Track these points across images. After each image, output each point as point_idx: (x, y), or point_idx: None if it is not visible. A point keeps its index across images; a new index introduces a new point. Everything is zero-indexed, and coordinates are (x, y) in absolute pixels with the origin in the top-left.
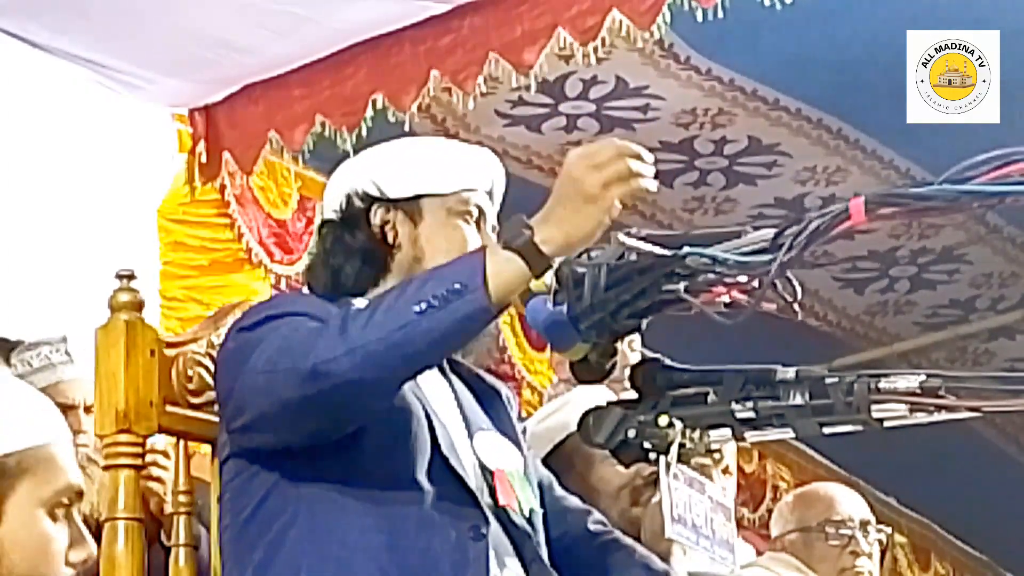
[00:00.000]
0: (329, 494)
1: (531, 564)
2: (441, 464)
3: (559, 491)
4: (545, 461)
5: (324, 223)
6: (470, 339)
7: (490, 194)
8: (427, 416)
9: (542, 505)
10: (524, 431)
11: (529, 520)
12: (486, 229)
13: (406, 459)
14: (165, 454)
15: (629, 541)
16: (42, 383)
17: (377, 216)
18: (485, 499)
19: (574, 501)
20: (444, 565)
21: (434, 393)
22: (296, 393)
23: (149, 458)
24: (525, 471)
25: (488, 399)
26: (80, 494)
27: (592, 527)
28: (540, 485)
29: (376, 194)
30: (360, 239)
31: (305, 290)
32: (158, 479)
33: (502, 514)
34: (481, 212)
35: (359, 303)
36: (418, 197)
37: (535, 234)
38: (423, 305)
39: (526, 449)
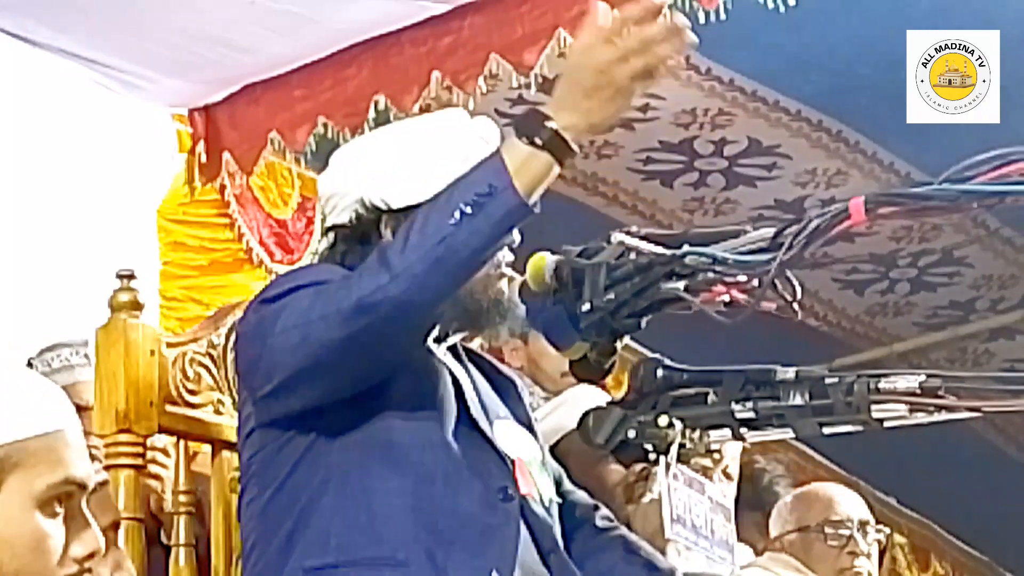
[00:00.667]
0: (358, 458)
1: (549, 554)
2: (468, 425)
3: (568, 485)
4: None
5: (332, 228)
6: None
7: None
8: (453, 378)
9: None
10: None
11: (547, 509)
12: None
13: (433, 419)
14: (165, 452)
15: (635, 538)
16: (59, 384)
17: (388, 229)
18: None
19: (582, 495)
20: (473, 525)
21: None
22: (339, 333)
23: (148, 455)
24: (543, 461)
25: (504, 389)
26: (83, 487)
27: (599, 523)
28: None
29: (384, 207)
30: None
31: None
32: (157, 476)
33: (522, 503)
34: None
35: None
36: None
37: (556, 123)
38: (457, 215)
39: (541, 439)
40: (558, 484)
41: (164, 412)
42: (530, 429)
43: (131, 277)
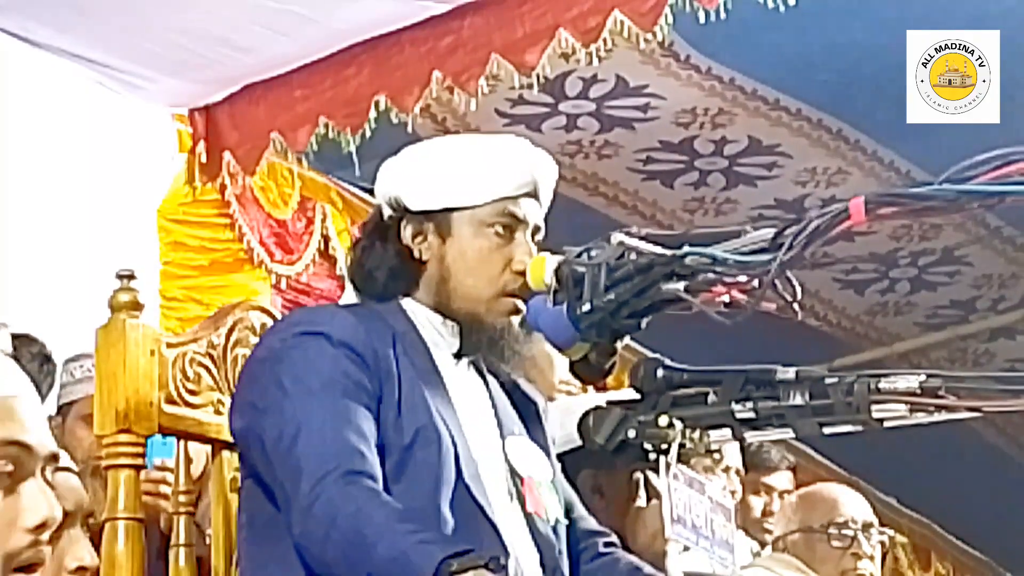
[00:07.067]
0: None
1: (551, 572)
2: (464, 493)
3: (580, 511)
4: None
5: (364, 224)
6: None
7: (533, 194)
8: (452, 441)
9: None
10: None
11: (554, 529)
12: (524, 235)
13: (431, 492)
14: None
15: (637, 560)
16: (80, 394)
17: (408, 230)
18: (513, 504)
19: (592, 522)
20: None
21: (466, 395)
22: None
23: (158, 475)
24: (553, 481)
25: (524, 407)
26: (29, 449)
27: (603, 548)
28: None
29: (406, 206)
30: (390, 252)
31: (348, 287)
32: (166, 496)
33: (529, 521)
34: (517, 219)
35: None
36: (448, 210)
37: None
38: None
39: (555, 460)
40: (569, 509)
41: (164, 412)
42: (545, 449)
43: (131, 277)
